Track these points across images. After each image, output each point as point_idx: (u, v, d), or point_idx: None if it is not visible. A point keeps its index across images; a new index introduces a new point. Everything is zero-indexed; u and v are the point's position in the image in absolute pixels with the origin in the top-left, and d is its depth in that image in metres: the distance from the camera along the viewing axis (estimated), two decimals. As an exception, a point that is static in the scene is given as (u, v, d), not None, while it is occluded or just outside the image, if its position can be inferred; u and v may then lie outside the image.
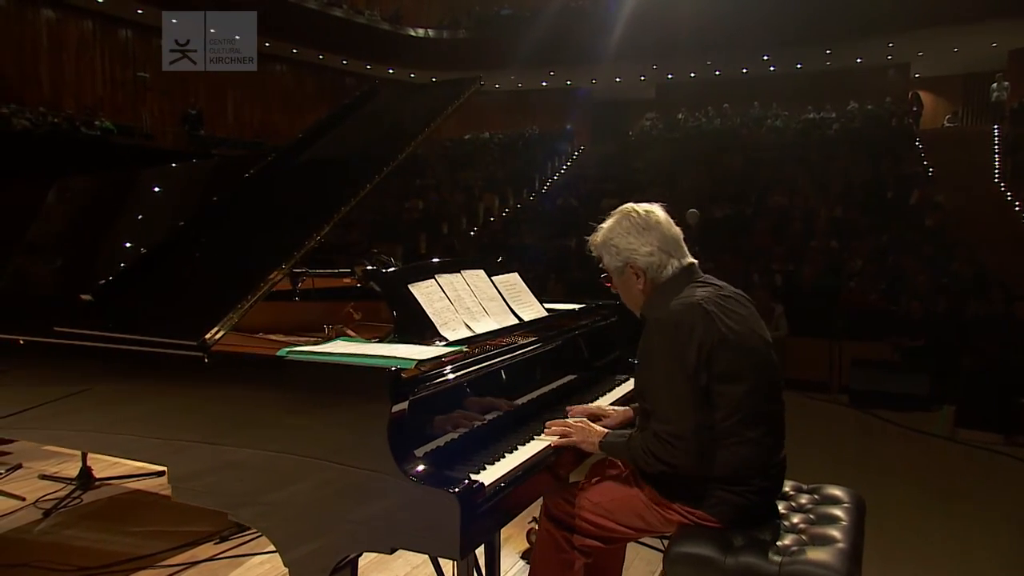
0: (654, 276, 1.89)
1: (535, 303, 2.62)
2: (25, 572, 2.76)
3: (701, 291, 1.83)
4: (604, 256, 1.95)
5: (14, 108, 14.96)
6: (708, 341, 1.73)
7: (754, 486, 1.80)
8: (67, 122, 15.09)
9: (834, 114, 16.93)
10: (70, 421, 1.99)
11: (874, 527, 2.86)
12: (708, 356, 1.73)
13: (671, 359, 1.74)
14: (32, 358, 2.05)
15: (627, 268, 1.91)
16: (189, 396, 1.78)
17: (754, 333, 1.84)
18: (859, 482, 4.04)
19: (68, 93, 16.92)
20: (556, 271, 9.72)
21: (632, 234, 1.89)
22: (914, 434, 5.37)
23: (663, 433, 1.74)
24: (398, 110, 2.76)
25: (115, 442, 1.91)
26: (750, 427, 1.77)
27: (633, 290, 1.93)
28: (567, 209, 14.09)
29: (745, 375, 1.76)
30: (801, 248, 9.59)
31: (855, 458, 4.87)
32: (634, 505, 1.90)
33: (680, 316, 1.76)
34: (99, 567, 2.77)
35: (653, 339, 1.80)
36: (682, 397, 1.73)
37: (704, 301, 1.78)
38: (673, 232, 1.94)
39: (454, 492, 1.46)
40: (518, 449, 1.86)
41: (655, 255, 1.88)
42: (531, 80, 21.82)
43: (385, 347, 1.79)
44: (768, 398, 1.83)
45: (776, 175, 13.55)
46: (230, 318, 1.74)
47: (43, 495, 3.49)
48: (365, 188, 2.15)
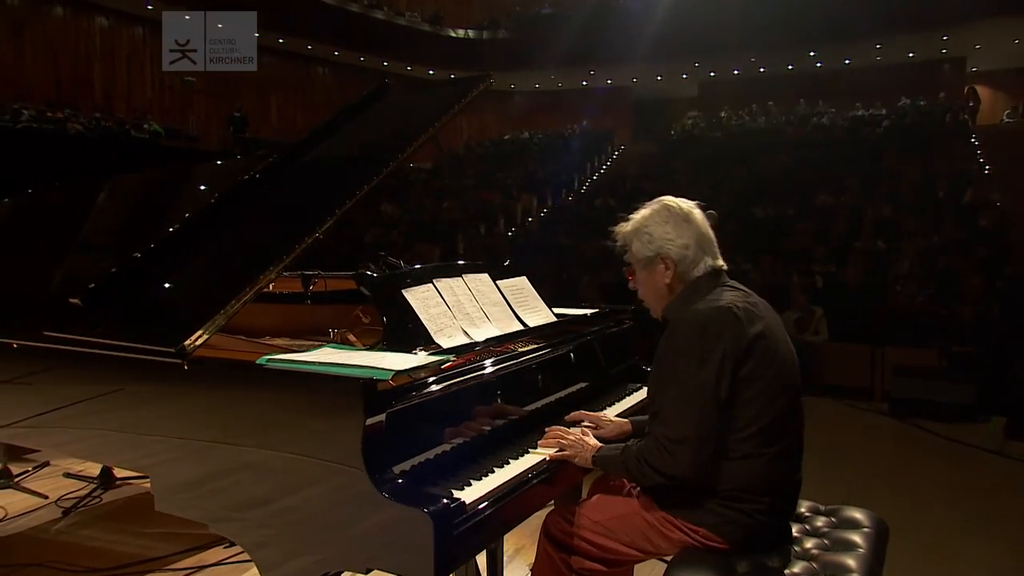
0: (684, 271, 1.78)
1: (543, 308, 2.53)
2: (37, 572, 2.79)
3: (730, 295, 1.73)
4: (634, 244, 1.83)
5: (69, 112, 15.48)
6: (735, 348, 1.62)
7: (764, 505, 1.68)
8: (118, 125, 15.55)
9: (884, 111, 16.36)
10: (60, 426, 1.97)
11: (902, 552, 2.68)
12: (734, 364, 1.62)
13: (691, 362, 1.63)
14: (28, 363, 2.05)
15: (658, 258, 1.79)
16: (170, 403, 1.75)
17: (783, 344, 1.73)
18: (892, 499, 3.87)
19: (119, 97, 17.44)
20: (591, 272, 9.59)
21: (670, 224, 1.79)
22: (958, 447, 5.07)
23: (663, 438, 1.65)
24: (406, 109, 2.70)
25: (100, 448, 1.89)
26: (768, 442, 1.66)
27: (659, 284, 1.81)
28: (605, 209, 13.91)
29: (770, 387, 1.66)
30: (845, 249, 9.26)
31: (890, 472, 4.61)
32: (636, 523, 1.79)
33: (707, 319, 1.65)
34: (108, 569, 2.78)
35: (675, 339, 1.69)
36: (692, 402, 1.62)
37: (733, 305, 1.67)
38: (708, 232, 1.84)
39: (427, 511, 1.39)
40: (509, 464, 1.77)
41: (690, 249, 1.78)
42: (571, 79, 21.68)
43: (371, 355, 1.72)
44: (790, 414, 1.72)
45: (821, 174, 13.15)
46: (213, 322, 1.69)
47: (65, 493, 3.54)
48: (363, 189, 2.09)
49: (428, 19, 20.95)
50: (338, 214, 2.01)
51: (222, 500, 1.68)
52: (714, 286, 1.78)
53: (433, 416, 1.71)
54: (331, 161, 2.43)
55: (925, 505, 3.98)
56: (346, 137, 2.57)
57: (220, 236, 2.07)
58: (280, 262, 1.83)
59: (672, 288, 1.82)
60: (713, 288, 1.77)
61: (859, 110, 16.63)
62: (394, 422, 1.56)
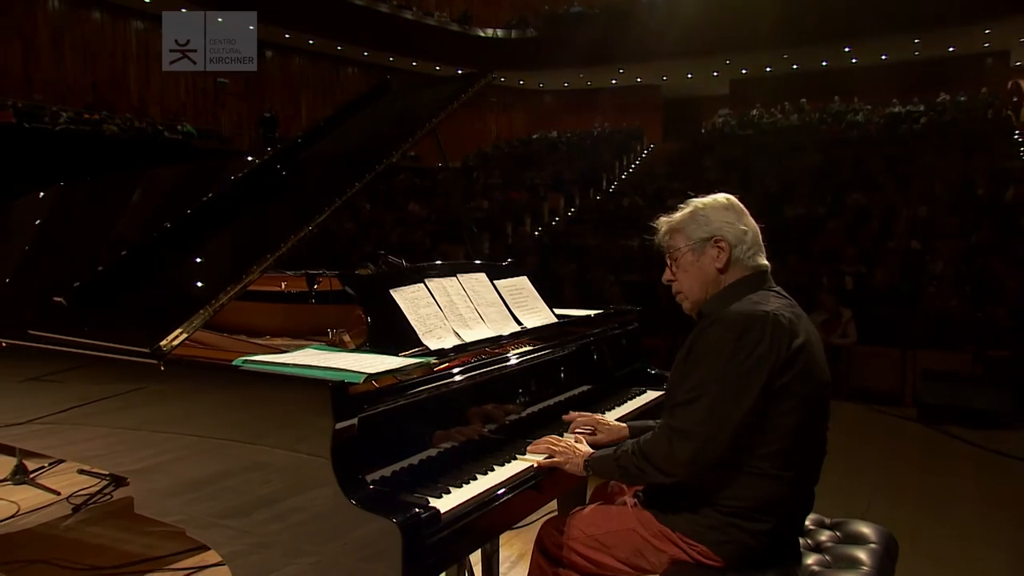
0: (739, 256, 1.67)
1: (543, 309, 2.45)
2: (42, 569, 2.80)
3: (777, 301, 1.62)
4: (688, 228, 1.71)
5: (105, 115, 15.83)
6: (775, 356, 1.51)
7: (769, 526, 1.58)
8: (151, 127, 15.86)
9: (922, 107, 15.94)
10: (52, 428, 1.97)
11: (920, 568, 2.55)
12: (771, 371, 1.51)
13: (721, 358, 1.53)
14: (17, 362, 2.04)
15: (712, 240, 1.67)
16: (151, 405, 1.72)
17: (821, 361, 1.63)
18: (915, 510, 3.71)
19: (154, 100, 17.78)
20: (616, 272, 9.48)
21: (731, 212, 1.70)
22: (990, 455, 4.86)
23: (667, 428, 1.57)
24: (406, 106, 2.66)
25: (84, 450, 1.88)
26: (787, 465, 1.57)
27: (708, 269, 1.68)
28: (633, 208, 13.78)
29: (803, 405, 1.56)
30: (877, 249, 9.01)
31: (916, 481, 4.40)
32: (630, 539, 1.70)
33: (752, 321, 1.54)
34: (110, 567, 2.79)
35: (711, 335, 1.58)
36: (709, 396, 1.53)
37: (780, 313, 1.56)
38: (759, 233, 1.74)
39: (396, 520, 1.33)
40: (494, 470, 1.71)
41: (748, 236, 1.68)
42: (600, 78, 21.53)
43: (351, 357, 1.68)
44: (815, 440, 1.63)
45: (855, 172, 12.85)
46: (190, 322, 1.66)
47: (77, 490, 3.56)
48: (354, 187, 2.05)
49: (457, 19, 20.98)
50: (327, 211, 1.97)
51: (198, 505, 1.65)
52: (758, 287, 1.67)
53: (416, 420, 1.66)
54: (327, 158, 2.40)
55: (950, 515, 3.81)
56: (345, 134, 2.53)
57: (210, 234, 2.04)
58: (263, 261, 1.79)
59: (723, 273, 1.68)
60: (759, 290, 1.66)
61: (896, 106, 16.21)
62: (373, 426, 1.51)
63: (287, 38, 18.83)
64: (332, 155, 2.40)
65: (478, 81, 2.52)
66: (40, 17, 16.16)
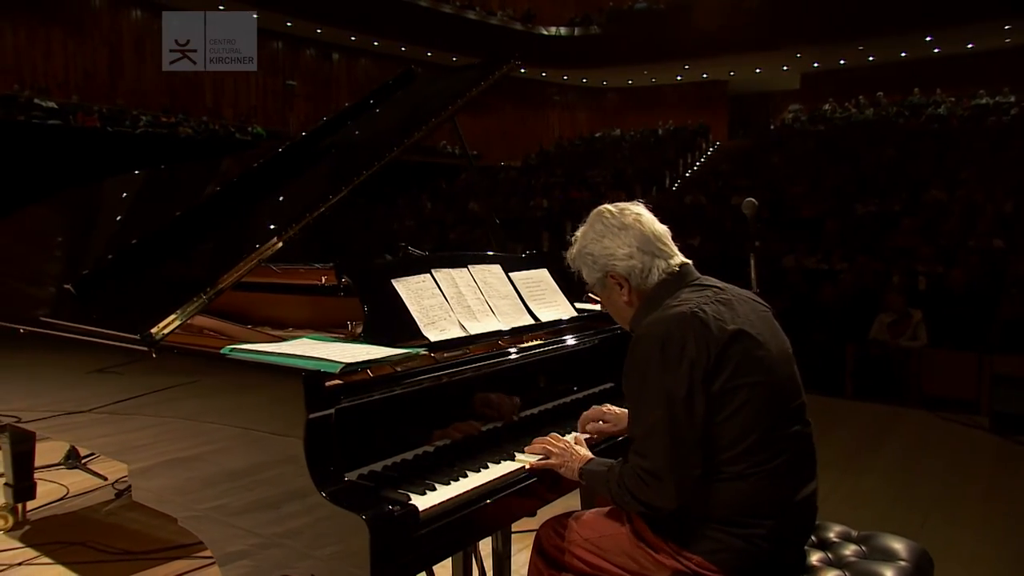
0: (639, 283, 1.60)
1: (562, 303, 2.36)
2: (79, 551, 2.88)
3: (696, 295, 1.53)
4: (583, 271, 1.69)
5: (181, 118, 16.54)
6: (705, 357, 1.42)
7: (765, 529, 1.46)
8: (223, 128, 16.47)
9: (1012, 98, 14.98)
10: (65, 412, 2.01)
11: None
12: (705, 374, 1.42)
13: (653, 384, 1.45)
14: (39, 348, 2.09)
15: (608, 279, 1.63)
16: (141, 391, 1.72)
17: (767, 342, 1.51)
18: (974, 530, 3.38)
19: (227, 102, 18.46)
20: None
21: (607, 236, 1.61)
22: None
23: (639, 468, 1.47)
24: (425, 94, 2.61)
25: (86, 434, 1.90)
26: (763, 458, 1.45)
27: (619, 303, 1.65)
28: (695, 207, 13.44)
29: (757, 395, 1.45)
30: (955, 248, 8.48)
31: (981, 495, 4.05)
32: (625, 545, 1.61)
33: (668, 330, 1.45)
34: (141, 552, 2.84)
35: (636, 356, 1.50)
36: (662, 427, 1.43)
37: (698, 308, 1.47)
38: (655, 229, 1.63)
39: (365, 517, 1.27)
40: (488, 468, 1.64)
41: (635, 257, 1.59)
42: (665, 75, 21.15)
43: (338, 347, 1.63)
44: (786, 419, 1.51)
45: (935, 168, 12.16)
46: (184, 310, 1.65)
47: (123, 476, 3.66)
48: (362, 175, 2.01)
49: (520, 17, 20.98)
50: (332, 200, 1.94)
51: (186, 492, 1.64)
52: (676, 288, 1.58)
53: (407, 414, 1.60)
54: (341, 148, 2.37)
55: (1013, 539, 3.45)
56: (363, 123, 2.50)
57: (217, 223, 2.04)
58: (256, 251, 1.77)
59: (633, 303, 1.63)
60: (676, 290, 1.57)
61: (982, 98, 15.28)
62: (359, 420, 1.47)
63: (353, 40, 19.23)
64: (345, 144, 2.38)
65: (499, 68, 2.46)
66: (124, 26, 17.01)
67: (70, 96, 15.22)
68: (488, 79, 2.41)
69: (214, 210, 2.13)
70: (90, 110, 15.02)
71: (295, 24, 18.18)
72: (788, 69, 19.83)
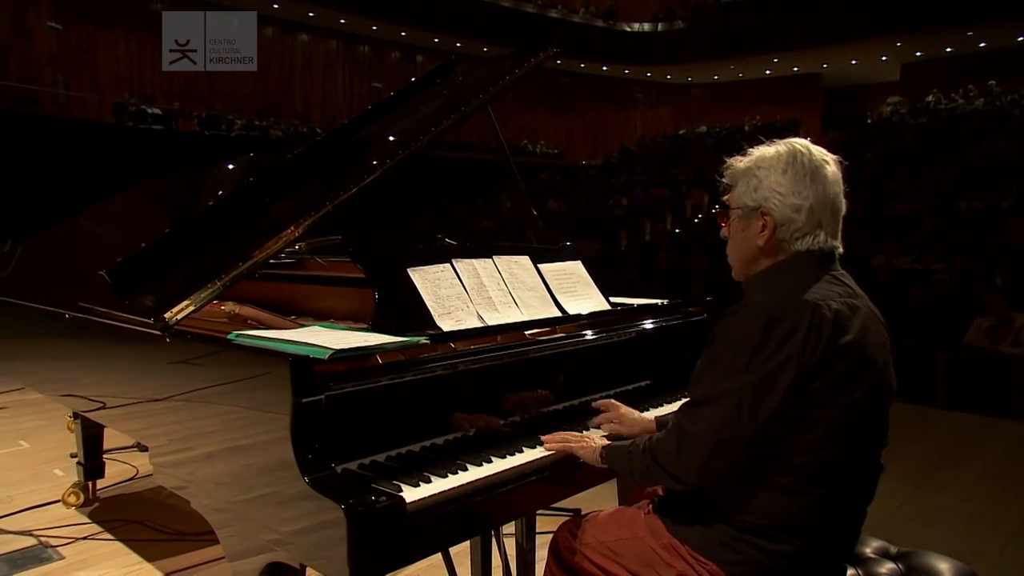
0: (783, 238, 1.39)
1: (595, 296, 2.28)
2: (136, 529, 3.02)
3: (827, 288, 1.35)
4: (739, 184, 1.46)
5: (272, 121, 17.29)
6: (809, 354, 1.26)
7: (792, 548, 1.34)
8: (311, 131, 17.09)
9: None
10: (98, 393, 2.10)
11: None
12: (800, 372, 1.26)
13: (743, 354, 1.29)
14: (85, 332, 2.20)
15: (758, 212, 1.41)
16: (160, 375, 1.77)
17: (876, 368, 1.35)
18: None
19: (315, 106, 19.15)
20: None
21: (788, 174, 1.39)
22: None
23: (678, 429, 1.36)
24: (458, 85, 2.58)
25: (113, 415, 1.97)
26: (815, 482, 1.32)
27: (750, 244, 1.44)
28: (780, 205, 12.89)
29: (845, 416, 1.30)
30: (1070, 248, 7.77)
31: None
32: (639, 548, 1.52)
33: (783, 311, 1.29)
34: (193, 533, 2.94)
35: (736, 324, 1.33)
36: (726, 400, 1.30)
37: (824, 303, 1.30)
38: (837, 200, 1.41)
39: (344, 507, 1.24)
40: (492, 462, 1.58)
41: (802, 212, 1.37)
42: (753, 69, 20.45)
43: (340, 334, 1.62)
44: (858, 455, 1.36)
45: (1052, 161, 11.18)
46: (198, 295, 1.67)
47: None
48: (384, 165, 1.99)
49: (603, 14, 20.77)
50: (354, 190, 1.92)
51: (194, 474, 1.67)
52: (813, 270, 1.38)
53: (411, 404, 1.57)
54: (371, 139, 2.37)
55: None
56: (400, 114, 2.49)
57: (244, 212, 2.08)
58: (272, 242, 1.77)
59: (764, 253, 1.43)
60: (812, 272, 1.38)
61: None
62: (360, 407, 1.45)
63: (436, 42, 19.54)
64: (375, 136, 2.37)
65: (533, 56, 2.40)
66: (222, 35, 17.89)
67: (173, 102, 16.17)
68: (521, 68, 2.36)
69: (245, 201, 2.16)
70: (190, 115, 15.91)
71: (380, 28, 18.67)
72: (887, 59, 18.76)
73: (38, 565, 2.75)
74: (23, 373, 3.26)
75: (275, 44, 18.68)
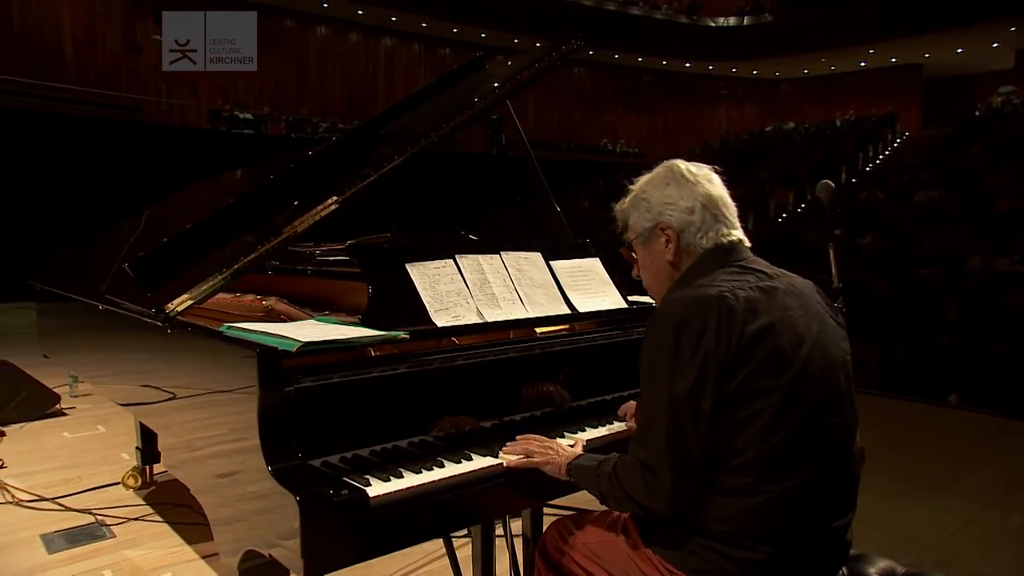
0: (689, 243, 1.43)
1: (611, 294, 2.20)
2: (183, 512, 3.15)
3: (733, 278, 1.34)
4: (631, 217, 1.52)
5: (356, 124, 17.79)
6: (724, 349, 1.24)
7: (761, 556, 1.26)
8: (392, 133, 17.51)
9: None
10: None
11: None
12: (720, 370, 1.24)
13: (665, 368, 1.28)
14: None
15: (657, 229, 1.45)
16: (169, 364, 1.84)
17: (808, 343, 1.30)
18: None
19: (397, 108, 19.60)
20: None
21: (672, 185, 1.45)
22: None
23: (636, 461, 1.32)
24: (479, 80, 2.55)
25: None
26: (775, 472, 1.25)
27: (660, 263, 1.47)
28: (869, 204, 12.24)
29: (778, 403, 1.25)
30: None
31: None
32: (619, 553, 1.47)
33: (688, 313, 1.28)
34: (231, 519, 3.05)
35: (651, 337, 1.34)
36: (660, 422, 1.27)
37: (731, 292, 1.29)
38: (725, 197, 1.47)
39: (299, 498, 1.25)
40: (472, 460, 1.55)
41: (696, 213, 1.42)
42: (846, 62, 19.47)
43: (320, 328, 1.63)
44: (814, 437, 1.28)
45: None
46: (199, 289, 1.72)
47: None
48: (394, 160, 1.99)
49: (686, 10, 20.30)
50: (360, 185, 1.93)
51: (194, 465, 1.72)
52: (719, 264, 1.39)
53: (393, 401, 1.56)
54: (390, 135, 2.39)
55: None
56: (424, 110, 2.50)
57: (258, 209, 2.13)
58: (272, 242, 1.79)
59: (676, 266, 1.46)
60: (717, 267, 1.38)
61: None
62: (337, 402, 1.46)
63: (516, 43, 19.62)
64: (395, 132, 2.39)
65: (557, 49, 2.36)
66: (310, 41, 18.61)
67: (263, 108, 16.92)
68: (544, 60, 2.32)
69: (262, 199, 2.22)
70: (278, 119, 16.61)
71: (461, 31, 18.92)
72: (999, 46, 17.45)
73: (92, 542, 2.93)
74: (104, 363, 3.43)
75: (359, 49, 19.26)
